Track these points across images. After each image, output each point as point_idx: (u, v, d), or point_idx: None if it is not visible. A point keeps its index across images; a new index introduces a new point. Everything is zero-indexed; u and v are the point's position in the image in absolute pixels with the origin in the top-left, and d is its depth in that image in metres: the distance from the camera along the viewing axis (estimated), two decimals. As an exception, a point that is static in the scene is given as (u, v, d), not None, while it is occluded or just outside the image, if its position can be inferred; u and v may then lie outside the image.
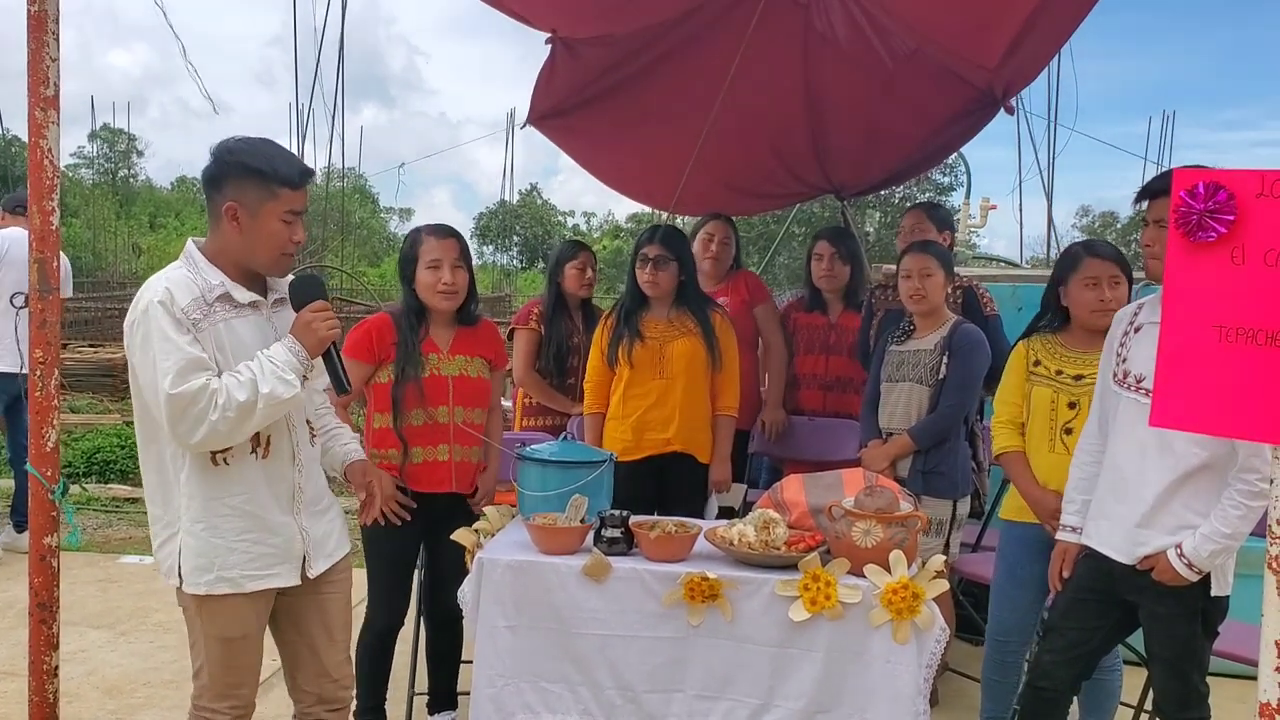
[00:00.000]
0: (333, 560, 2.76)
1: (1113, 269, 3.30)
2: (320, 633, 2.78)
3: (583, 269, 4.77)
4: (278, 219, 2.51)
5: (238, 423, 2.41)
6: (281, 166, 2.51)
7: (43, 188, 2.69)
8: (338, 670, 2.82)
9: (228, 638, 2.59)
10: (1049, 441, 3.41)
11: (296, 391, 2.47)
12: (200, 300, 2.47)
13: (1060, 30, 4.58)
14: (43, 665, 2.80)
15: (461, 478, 3.61)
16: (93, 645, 4.75)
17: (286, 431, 2.62)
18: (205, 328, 2.46)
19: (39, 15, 2.66)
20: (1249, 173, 1.92)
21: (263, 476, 2.57)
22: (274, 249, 2.54)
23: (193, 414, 2.37)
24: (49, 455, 2.77)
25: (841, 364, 4.86)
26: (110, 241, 27.26)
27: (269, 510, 2.58)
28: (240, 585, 2.55)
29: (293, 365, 2.47)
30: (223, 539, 2.52)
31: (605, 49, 5.35)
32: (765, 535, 3.01)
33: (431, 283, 3.51)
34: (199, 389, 2.37)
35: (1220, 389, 1.94)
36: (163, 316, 2.41)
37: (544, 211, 44.12)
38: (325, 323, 2.54)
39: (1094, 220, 39.99)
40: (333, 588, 2.79)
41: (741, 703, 2.93)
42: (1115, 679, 3.42)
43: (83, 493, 8.04)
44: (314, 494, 2.72)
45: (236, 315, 2.54)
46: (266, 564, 2.58)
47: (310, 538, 2.67)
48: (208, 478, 2.51)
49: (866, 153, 5.93)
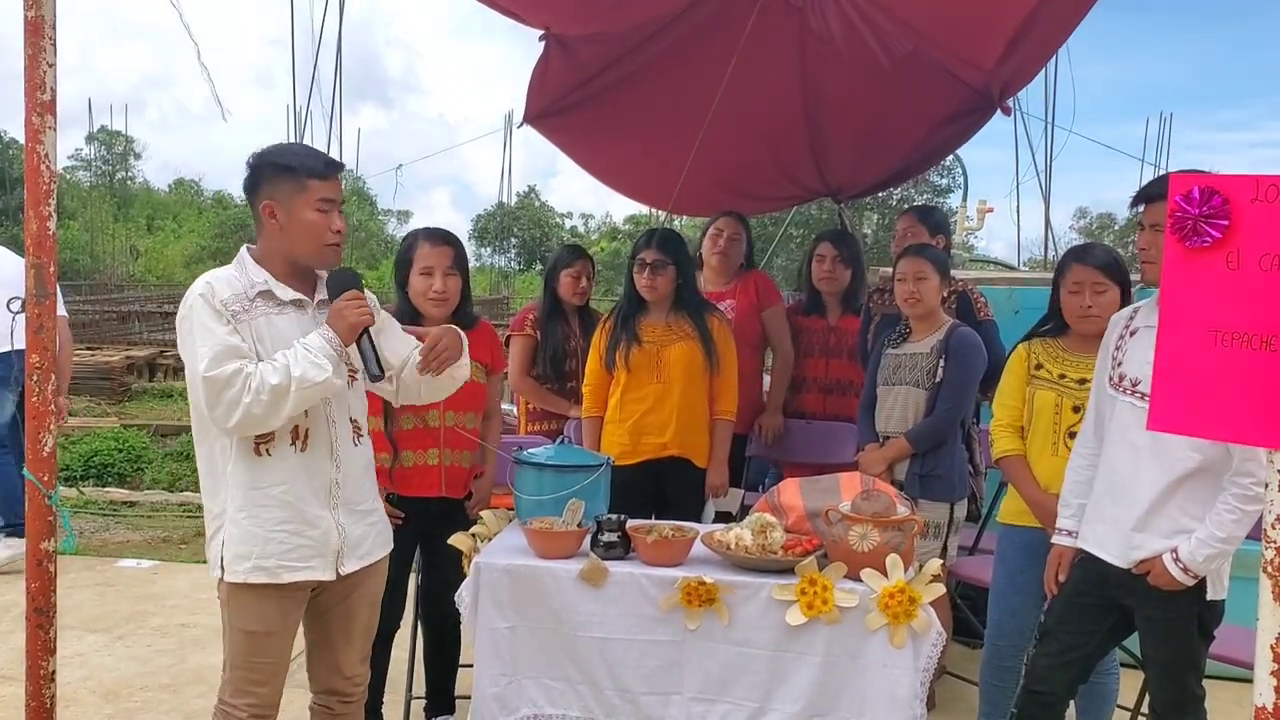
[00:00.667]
0: (365, 562, 2.79)
1: (1096, 275, 3.28)
2: (340, 631, 2.84)
3: (578, 277, 4.74)
4: (312, 209, 2.62)
5: (272, 406, 2.48)
6: (307, 159, 2.64)
7: (39, 192, 2.69)
8: (350, 669, 2.88)
9: (251, 631, 2.64)
10: (1052, 445, 3.39)
11: (328, 375, 2.53)
12: (242, 295, 2.60)
13: (1058, 31, 4.59)
14: (40, 670, 2.80)
15: (452, 482, 3.61)
16: (90, 649, 4.75)
17: (325, 426, 2.68)
18: (245, 320, 2.57)
19: (35, 21, 2.66)
20: (1244, 178, 1.92)
21: (301, 468, 2.64)
22: (314, 239, 2.65)
23: (227, 397, 2.47)
24: (46, 460, 2.77)
25: (841, 367, 4.86)
26: (108, 244, 27.28)
27: (307, 502, 2.64)
28: (276, 575, 2.61)
29: (325, 351, 2.55)
30: (262, 528, 2.60)
31: (600, 47, 5.35)
32: (762, 539, 3.01)
33: (423, 289, 3.52)
34: (233, 373, 2.47)
35: (1216, 393, 1.94)
36: (203, 308, 2.54)
37: (542, 213, 44.10)
38: (357, 310, 2.61)
39: (1091, 222, 40.03)
40: (360, 590, 2.83)
41: (739, 705, 2.93)
42: (1112, 682, 3.43)
43: (80, 496, 8.04)
44: (354, 493, 2.76)
45: (279, 311, 2.64)
46: (302, 556, 2.64)
47: (346, 535, 2.71)
48: (251, 468, 2.60)
49: (863, 154, 5.95)
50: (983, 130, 5.58)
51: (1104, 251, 3.38)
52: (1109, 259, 3.33)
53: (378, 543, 2.85)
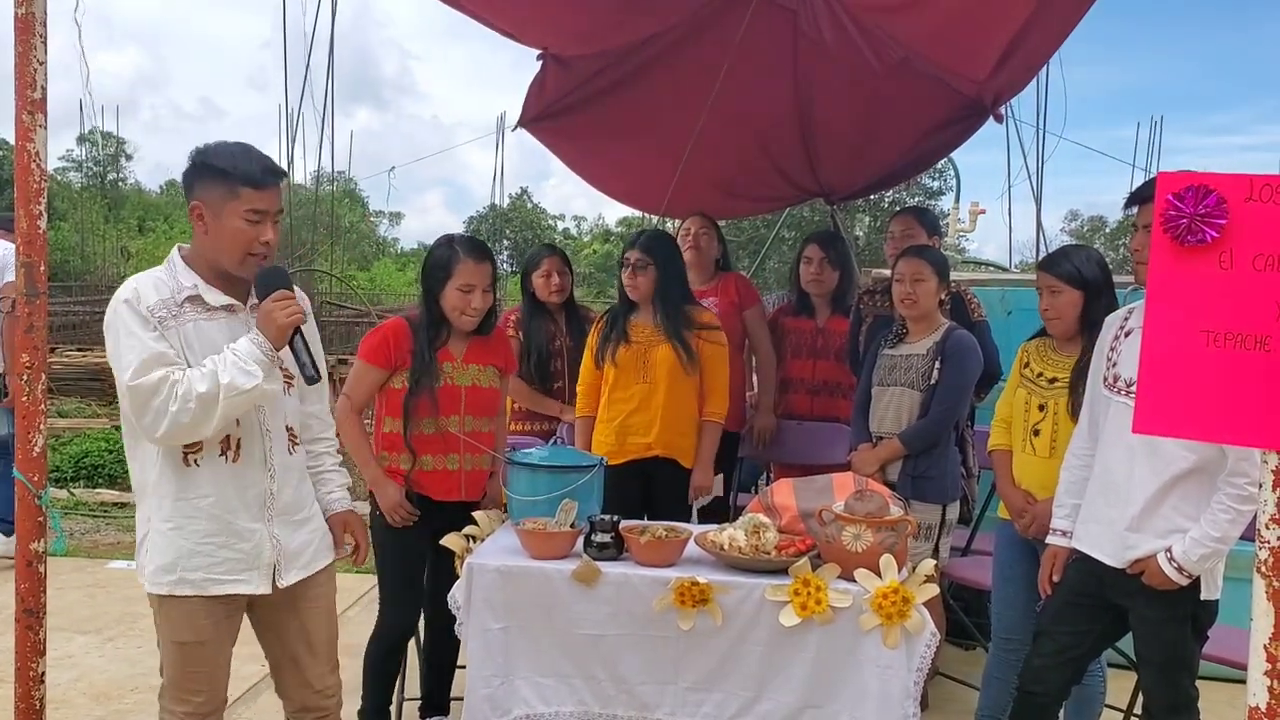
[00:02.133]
0: (309, 572, 2.72)
1: (1048, 279, 3.41)
2: (301, 646, 2.77)
3: (548, 275, 4.62)
4: (240, 218, 2.52)
5: (200, 414, 2.41)
6: (244, 165, 2.52)
7: (30, 191, 2.67)
8: (320, 681, 2.81)
9: (180, 642, 2.59)
10: (1022, 442, 3.51)
11: (257, 382, 2.44)
12: (170, 301, 2.52)
13: (1049, 42, 4.59)
14: (29, 671, 2.78)
15: (471, 486, 3.60)
16: (80, 651, 4.73)
17: (259, 436, 2.60)
18: (172, 326, 2.49)
19: (26, 18, 2.64)
20: (1237, 177, 1.92)
21: (232, 480, 2.56)
22: (238, 248, 2.54)
23: (154, 406, 2.40)
24: (36, 460, 2.75)
25: (829, 368, 4.86)
26: (98, 245, 27.17)
27: (237, 515, 2.56)
28: (203, 588, 2.54)
29: (255, 356, 2.46)
30: (188, 540, 2.53)
31: (597, 60, 5.38)
32: (755, 540, 3.01)
33: (461, 306, 3.48)
34: (159, 380, 2.40)
35: (1208, 394, 1.94)
36: (128, 314, 2.47)
37: (534, 215, 44.10)
38: (285, 310, 2.50)
39: (1083, 225, 40.16)
40: (312, 601, 2.76)
41: (734, 695, 2.94)
42: (1097, 683, 3.43)
43: (70, 497, 8.01)
44: (290, 502, 2.68)
45: (208, 317, 2.56)
46: (232, 569, 2.56)
47: (282, 546, 2.64)
48: (178, 478, 2.53)
49: (856, 156, 5.94)
50: (975, 134, 5.58)
51: (1062, 257, 3.45)
52: (1064, 266, 3.39)
53: (320, 550, 2.77)
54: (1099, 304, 3.34)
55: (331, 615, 2.84)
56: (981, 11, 4.16)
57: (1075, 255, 3.44)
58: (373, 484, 3.53)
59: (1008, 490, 3.54)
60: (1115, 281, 3.46)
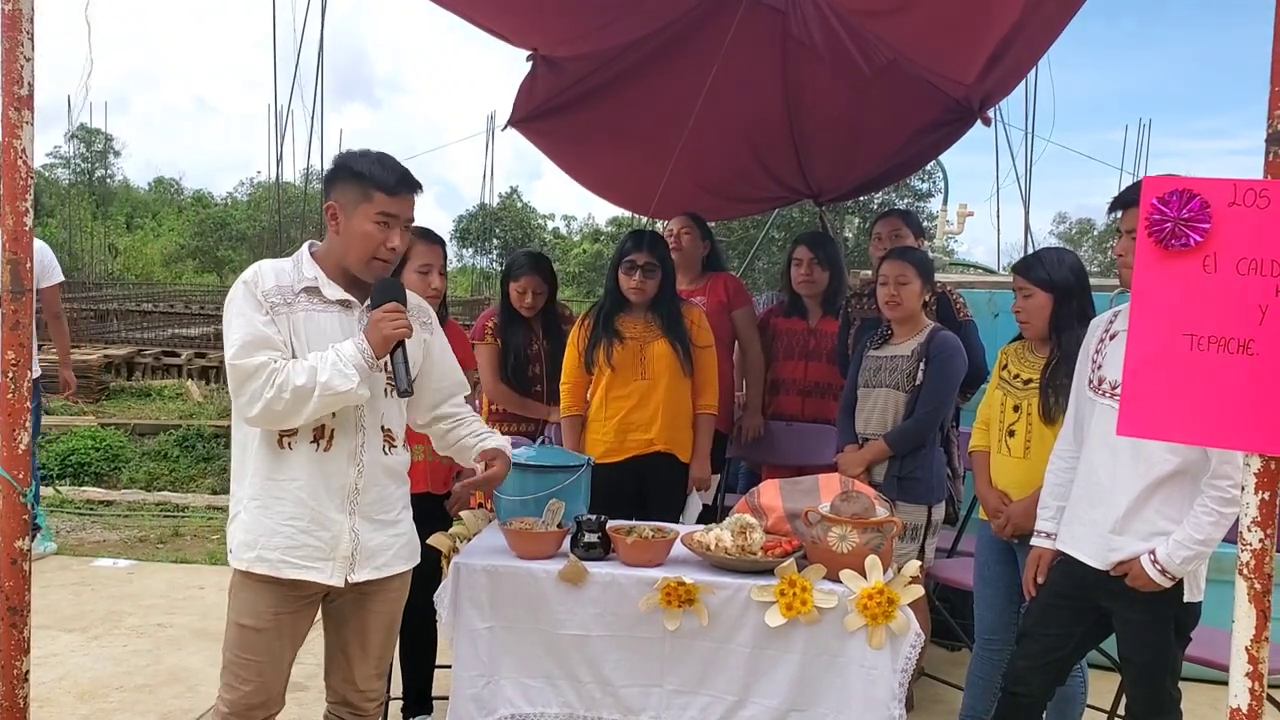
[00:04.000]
0: (382, 574, 2.72)
1: (1020, 281, 3.46)
2: (355, 643, 2.80)
3: (524, 292, 4.45)
4: (370, 220, 2.60)
5: (293, 405, 2.48)
6: (379, 172, 2.61)
7: (16, 188, 2.67)
8: (365, 684, 2.84)
9: (241, 624, 2.63)
10: (998, 443, 3.54)
11: (352, 386, 2.51)
12: (288, 288, 2.61)
13: (1036, 46, 4.61)
14: (13, 669, 2.77)
15: (435, 478, 3.61)
16: (66, 649, 4.72)
17: (354, 430, 2.64)
18: (284, 312, 2.58)
19: (13, 14, 2.63)
20: (1221, 181, 1.93)
21: (320, 469, 2.61)
22: (364, 250, 2.62)
23: (250, 388, 2.49)
24: (21, 458, 2.75)
25: (820, 369, 4.87)
26: (86, 242, 27.12)
27: (323, 503, 2.61)
28: (278, 569, 2.59)
29: (355, 360, 2.52)
30: (272, 519, 2.59)
31: (587, 61, 5.38)
32: (742, 540, 3.02)
33: (421, 287, 3.51)
34: (259, 365, 2.49)
35: (1191, 397, 1.95)
36: (244, 295, 2.57)
37: (524, 215, 44.04)
38: (393, 322, 2.57)
39: (1071, 227, 40.29)
40: (379, 603, 2.78)
41: (719, 698, 2.95)
42: (1078, 684, 3.44)
43: (56, 495, 7.99)
44: (377, 500, 2.70)
45: (323, 309, 2.64)
46: (308, 555, 2.60)
47: (360, 542, 2.66)
48: (272, 459, 2.60)
49: (844, 158, 5.96)
50: (963, 136, 5.60)
51: (1035, 261, 3.48)
52: (1036, 269, 3.43)
53: (400, 555, 2.77)
54: (1069, 307, 3.38)
55: (393, 624, 2.86)
56: (969, 15, 4.17)
57: (1047, 258, 3.46)
58: None
59: (985, 491, 3.56)
60: (1101, 285, 3.49)
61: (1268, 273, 1.90)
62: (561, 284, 30.36)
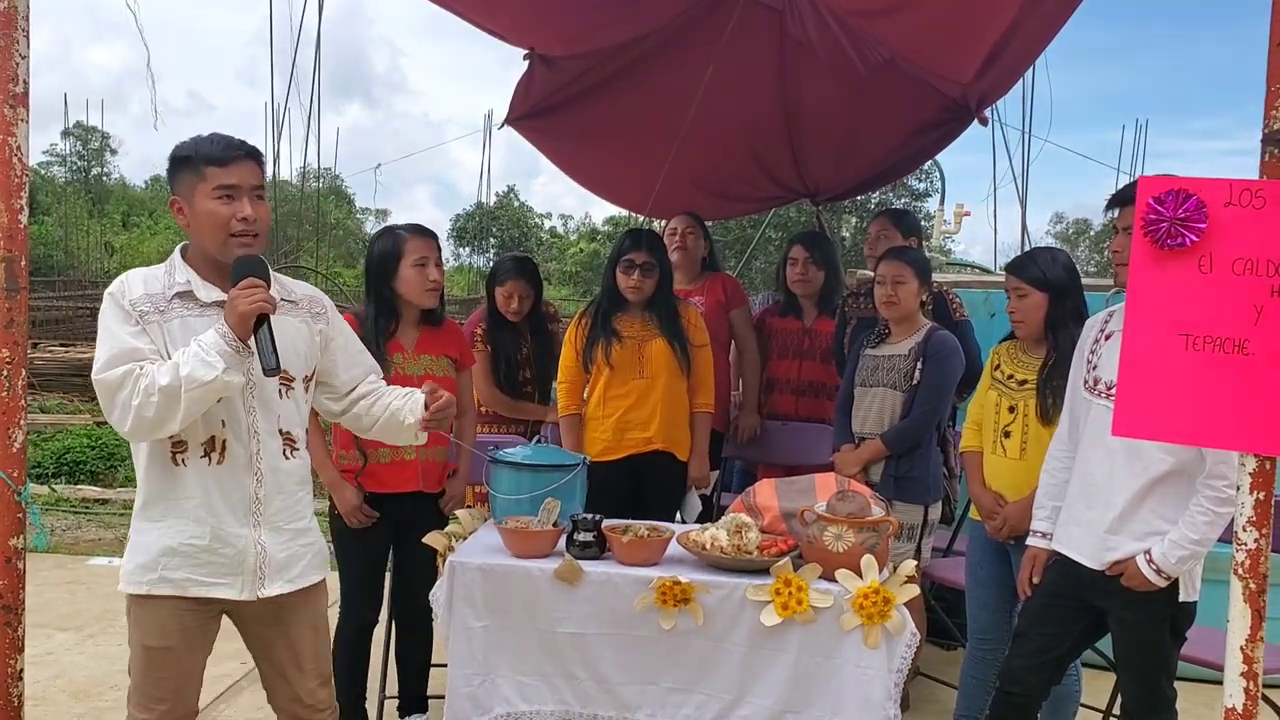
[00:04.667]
0: (295, 586, 2.60)
1: (1014, 281, 3.45)
2: (289, 662, 2.67)
3: (510, 296, 4.44)
4: (210, 198, 2.45)
5: (164, 407, 2.32)
6: (205, 147, 2.48)
7: (11, 185, 2.66)
8: (311, 697, 2.71)
9: (148, 646, 2.53)
10: (992, 443, 3.54)
11: (217, 374, 2.33)
12: (159, 295, 2.47)
13: (1033, 46, 4.62)
14: (7, 668, 2.77)
15: (428, 477, 3.61)
16: (60, 648, 4.71)
17: (247, 438, 2.51)
18: (154, 321, 2.44)
19: (8, 12, 2.62)
20: (1217, 181, 1.93)
21: (216, 483, 2.49)
22: (216, 229, 2.46)
23: (119, 399, 2.34)
24: (15, 456, 2.74)
25: (815, 369, 4.87)
26: (82, 240, 27.05)
27: (223, 518, 2.49)
28: (184, 588, 2.48)
29: (218, 347, 2.35)
30: (173, 539, 2.47)
31: (583, 60, 5.38)
32: (738, 539, 3.01)
33: (420, 280, 3.52)
34: (123, 375, 2.34)
35: (1187, 397, 1.95)
36: (110, 307, 2.45)
37: (521, 214, 43.99)
38: (246, 298, 2.37)
39: (1068, 227, 40.32)
40: (298, 616, 2.65)
41: (714, 697, 2.95)
42: (1072, 684, 3.45)
43: (51, 494, 7.97)
44: (282, 509, 2.58)
45: (198, 314, 2.49)
46: (215, 572, 2.49)
47: (267, 555, 2.54)
48: (167, 477, 2.48)
49: (841, 157, 5.96)
50: (960, 136, 5.60)
51: (1028, 260, 3.49)
52: (1030, 269, 3.43)
53: (312, 565, 2.65)
54: (1064, 307, 3.38)
55: (320, 631, 2.75)
56: (966, 15, 4.17)
57: (1041, 258, 3.47)
58: (330, 487, 3.55)
59: (978, 492, 3.56)
60: (1096, 285, 3.49)
61: (1263, 272, 1.90)
62: (558, 283, 30.35)
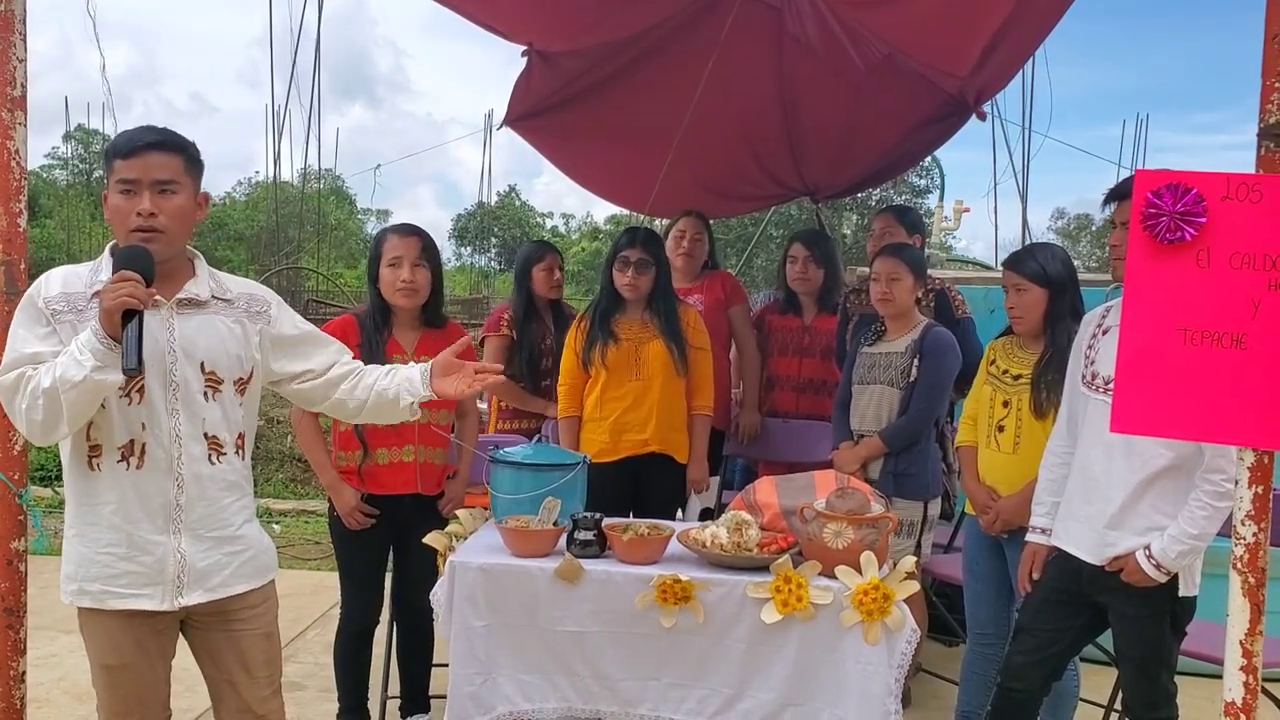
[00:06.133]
0: (217, 595, 2.47)
1: (1013, 277, 3.45)
2: (238, 670, 2.57)
3: (550, 270, 4.70)
4: (114, 191, 2.38)
5: (49, 410, 2.23)
6: (118, 140, 2.42)
7: (10, 189, 2.66)
8: (261, 706, 2.59)
9: (105, 665, 2.48)
10: (987, 438, 3.54)
11: (86, 372, 2.19)
12: (77, 295, 2.37)
13: (1031, 39, 4.61)
14: (9, 670, 2.77)
15: (426, 479, 3.61)
16: (63, 650, 4.71)
17: (168, 441, 2.39)
18: (68, 321, 2.34)
19: (6, 15, 2.63)
20: (1214, 175, 1.93)
21: (134, 488, 2.38)
22: (118, 225, 2.38)
23: (15, 405, 2.28)
24: (17, 459, 2.74)
25: (815, 366, 4.87)
26: (84, 243, 27.08)
27: (139, 525, 2.38)
28: (101, 601, 2.41)
29: (90, 345, 2.21)
30: (89, 548, 2.40)
31: (582, 58, 5.38)
32: (738, 537, 3.02)
33: (391, 280, 3.52)
34: (17, 377, 2.27)
35: (1185, 392, 1.95)
36: (25, 307, 2.36)
37: (522, 213, 44.05)
38: (112, 293, 2.21)
39: (1069, 223, 40.32)
40: (245, 624, 2.55)
41: (716, 692, 2.95)
42: (1071, 680, 3.45)
43: (54, 496, 7.97)
44: (205, 517, 2.44)
45: None
46: (132, 583, 2.39)
47: (187, 563, 2.41)
48: (84, 483, 2.40)
49: (840, 154, 5.96)
50: (960, 132, 5.59)
51: (1027, 255, 3.48)
52: (1029, 264, 3.43)
53: (240, 574, 2.51)
54: (1063, 302, 3.39)
55: (270, 638, 2.63)
56: (962, 9, 4.17)
57: (1040, 253, 3.47)
58: (329, 488, 3.55)
59: (972, 486, 3.57)
60: (1097, 280, 3.49)
61: (1260, 267, 1.90)
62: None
